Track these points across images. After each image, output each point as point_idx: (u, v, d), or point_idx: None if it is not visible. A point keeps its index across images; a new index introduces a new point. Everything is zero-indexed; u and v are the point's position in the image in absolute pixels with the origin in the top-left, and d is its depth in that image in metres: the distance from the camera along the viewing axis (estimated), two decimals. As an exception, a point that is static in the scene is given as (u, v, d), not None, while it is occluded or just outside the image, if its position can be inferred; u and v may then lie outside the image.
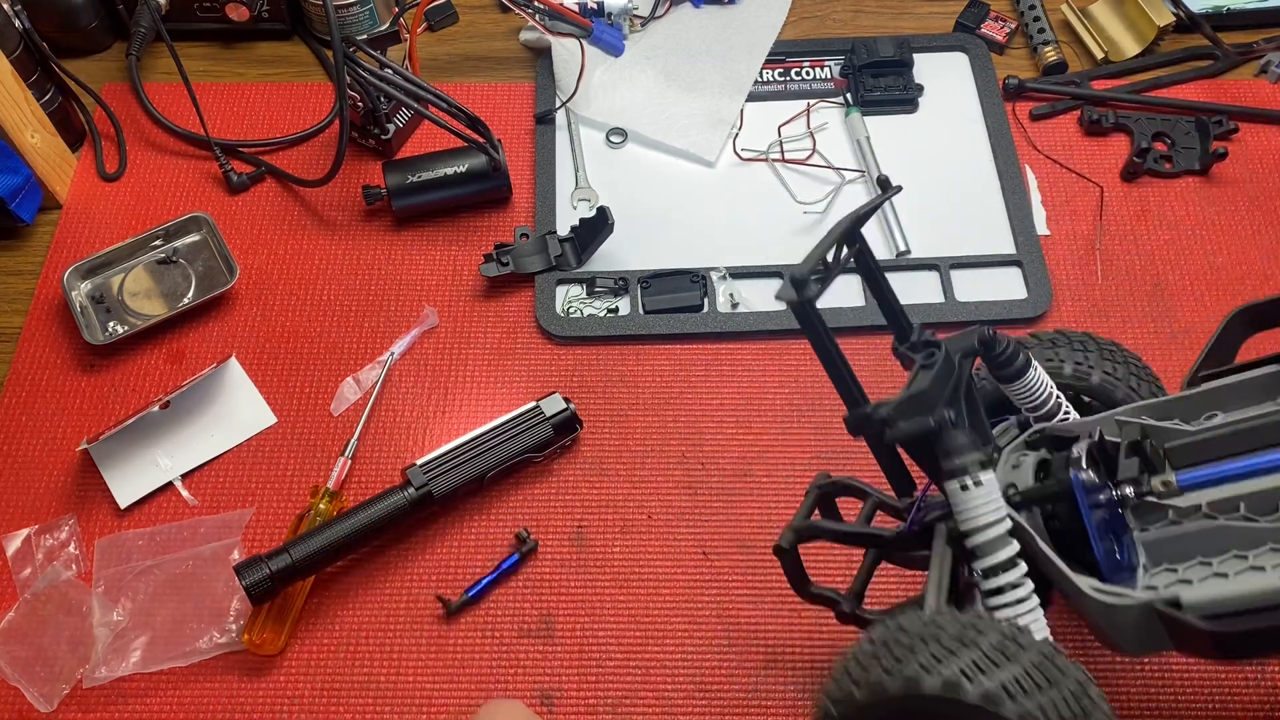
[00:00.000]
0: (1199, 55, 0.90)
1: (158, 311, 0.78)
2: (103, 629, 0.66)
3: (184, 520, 0.71)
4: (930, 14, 0.95)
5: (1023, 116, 0.87)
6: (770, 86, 0.90)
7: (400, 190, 0.81)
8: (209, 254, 0.82)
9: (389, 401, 0.76)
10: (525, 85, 0.91)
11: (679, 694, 0.65)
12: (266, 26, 0.93)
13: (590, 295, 0.80)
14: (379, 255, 0.82)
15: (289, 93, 0.91)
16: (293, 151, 0.88)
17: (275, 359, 0.78)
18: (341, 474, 0.72)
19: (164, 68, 0.92)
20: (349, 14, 0.89)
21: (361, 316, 0.79)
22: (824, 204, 0.83)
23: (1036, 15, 0.92)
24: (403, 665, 0.66)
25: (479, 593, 0.68)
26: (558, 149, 0.87)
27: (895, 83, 0.88)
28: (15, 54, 0.80)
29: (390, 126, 0.85)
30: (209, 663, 0.66)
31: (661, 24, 0.93)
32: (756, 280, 0.79)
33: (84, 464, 0.73)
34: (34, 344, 0.78)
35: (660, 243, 0.82)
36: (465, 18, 0.87)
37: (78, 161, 0.87)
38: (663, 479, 0.72)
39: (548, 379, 0.76)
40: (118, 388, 0.77)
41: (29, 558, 0.70)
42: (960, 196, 0.83)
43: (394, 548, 0.70)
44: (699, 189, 0.85)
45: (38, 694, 0.65)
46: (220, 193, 0.86)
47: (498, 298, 0.80)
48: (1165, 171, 0.84)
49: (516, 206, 0.84)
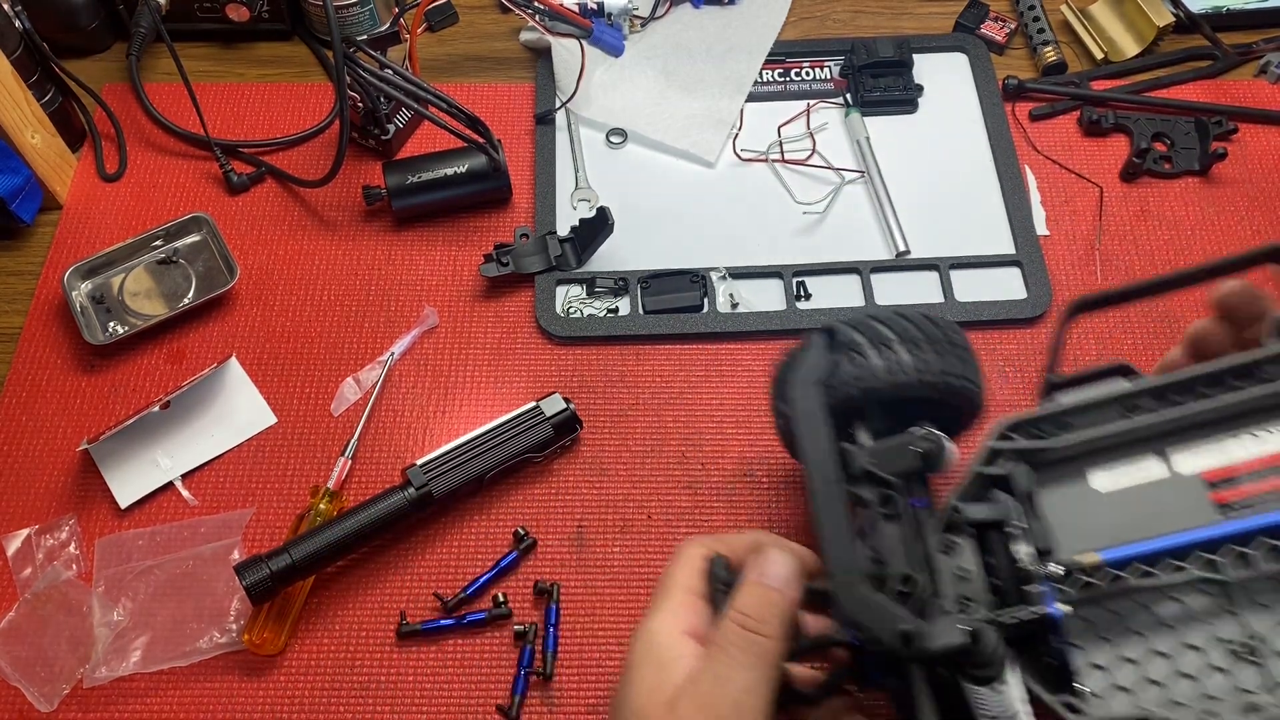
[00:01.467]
0: (1199, 55, 0.90)
1: (158, 311, 0.79)
2: (103, 629, 0.66)
3: (184, 520, 0.71)
4: (930, 14, 0.95)
5: (1022, 117, 0.87)
6: (770, 87, 0.90)
7: (400, 190, 0.81)
8: (209, 254, 0.82)
9: (389, 401, 0.76)
10: (525, 85, 0.91)
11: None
12: (266, 27, 0.93)
13: (590, 295, 0.80)
14: (379, 255, 0.82)
15: (289, 93, 0.91)
16: (293, 152, 0.88)
17: (275, 359, 0.78)
18: (341, 474, 0.72)
19: (164, 68, 0.92)
20: (349, 14, 0.89)
21: (361, 316, 0.79)
22: (824, 204, 0.83)
23: (1036, 15, 0.92)
24: (403, 665, 0.66)
25: (476, 591, 0.68)
26: (558, 149, 0.87)
27: (895, 83, 0.88)
28: (15, 54, 0.80)
29: (390, 127, 0.85)
30: (209, 663, 0.66)
31: (661, 24, 0.93)
32: (756, 280, 0.79)
33: (84, 464, 0.73)
34: (34, 344, 0.78)
35: (660, 243, 0.82)
36: (465, 18, 0.86)
37: (78, 162, 0.87)
38: (663, 479, 0.72)
39: (548, 379, 0.76)
40: (118, 388, 0.77)
41: (29, 558, 0.70)
42: (960, 197, 0.83)
43: (394, 548, 0.70)
44: (699, 189, 0.85)
45: (38, 694, 0.65)
46: (220, 193, 0.86)
47: (498, 298, 0.80)
48: (1165, 172, 0.84)
49: (516, 206, 0.84)
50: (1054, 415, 0.51)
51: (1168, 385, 0.51)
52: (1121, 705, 0.47)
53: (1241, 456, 0.49)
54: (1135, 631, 0.48)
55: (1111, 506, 0.50)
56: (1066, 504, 0.50)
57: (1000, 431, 0.51)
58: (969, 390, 0.57)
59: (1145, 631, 0.48)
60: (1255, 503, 0.48)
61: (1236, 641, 0.47)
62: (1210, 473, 0.49)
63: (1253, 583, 0.47)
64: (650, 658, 0.47)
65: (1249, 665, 0.46)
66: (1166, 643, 0.47)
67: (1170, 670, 0.47)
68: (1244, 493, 0.48)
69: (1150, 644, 0.47)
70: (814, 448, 0.46)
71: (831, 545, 0.43)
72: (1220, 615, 0.47)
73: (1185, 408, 0.50)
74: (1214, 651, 0.47)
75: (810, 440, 0.46)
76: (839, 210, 0.83)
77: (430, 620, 0.67)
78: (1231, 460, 0.49)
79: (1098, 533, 0.49)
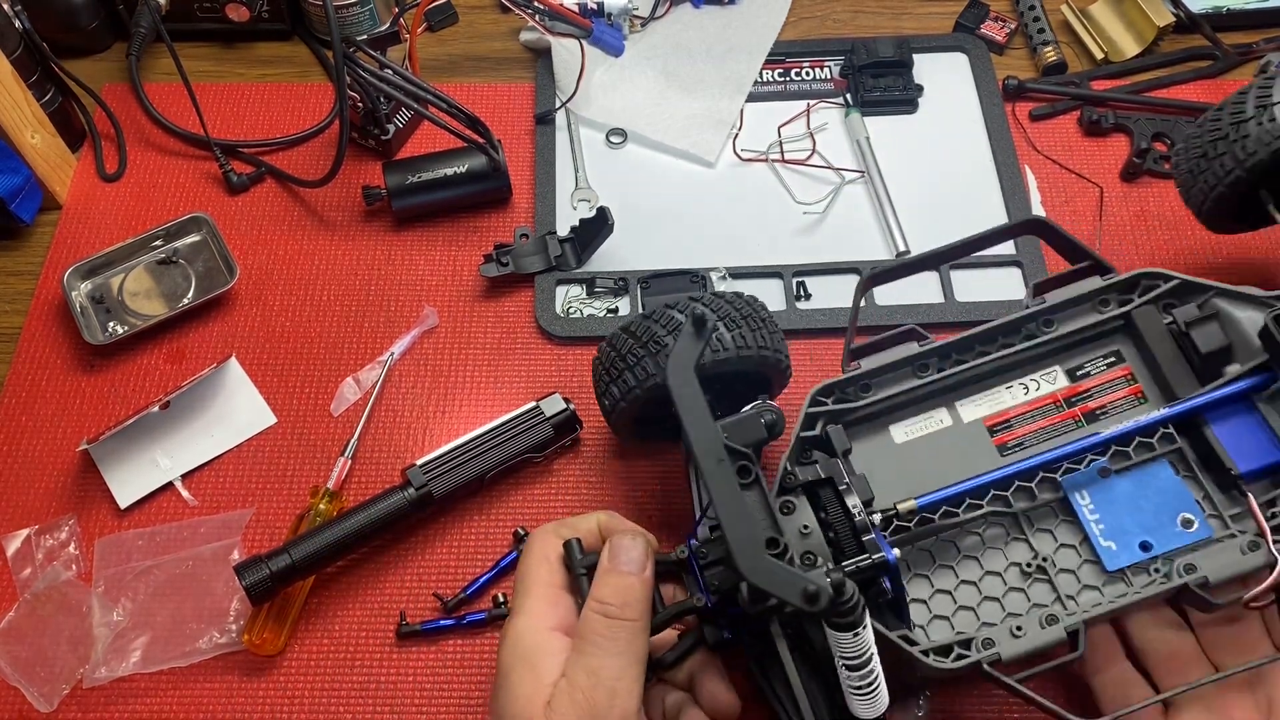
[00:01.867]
0: (1199, 55, 0.90)
1: (158, 311, 0.79)
2: (103, 629, 0.66)
3: (184, 520, 0.71)
4: (930, 14, 0.95)
5: (1022, 117, 0.87)
6: (770, 87, 0.90)
7: (400, 190, 0.81)
8: (209, 254, 0.82)
9: (389, 401, 0.76)
10: (525, 85, 0.91)
11: (679, 694, 0.65)
12: (266, 27, 0.93)
13: (590, 295, 0.80)
14: (379, 255, 0.82)
15: (289, 93, 0.91)
16: (293, 152, 0.88)
17: (275, 359, 0.78)
18: (341, 474, 0.72)
19: (164, 68, 0.92)
20: (349, 14, 0.89)
21: (361, 316, 0.79)
22: (824, 204, 0.83)
23: (1036, 15, 0.92)
24: (403, 665, 0.66)
25: (476, 591, 0.68)
26: (558, 149, 0.87)
27: (895, 83, 0.88)
28: (15, 54, 0.80)
29: (390, 127, 0.85)
30: (209, 663, 0.66)
31: (661, 24, 0.93)
32: (756, 280, 0.79)
33: (84, 464, 0.73)
34: (34, 344, 0.78)
35: (660, 243, 0.82)
36: (465, 18, 0.86)
37: (78, 162, 0.87)
38: (663, 479, 0.72)
39: (548, 379, 0.76)
40: (118, 388, 0.77)
41: (29, 558, 0.70)
42: (960, 197, 0.83)
43: (394, 548, 0.70)
44: (699, 189, 0.85)
45: (38, 694, 0.65)
46: (220, 193, 0.86)
47: (498, 298, 0.80)
48: (1165, 172, 0.84)
49: (516, 206, 0.84)
50: (855, 379, 0.59)
51: (950, 345, 0.60)
52: (941, 632, 0.54)
53: (1011, 403, 0.59)
54: (945, 566, 0.56)
55: (913, 456, 0.58)
56: (874, 457, 0.58)
57: (813, 398, 0.58)
58: (779, 360, 0.63)
59: (953, 565, 0.56)
60: (1027, 441, 0.58)
61: (1027, 563, 0.55)
62: (989, 418, 0.59)
63: (1034, 511, 0.56)
64: (521, 661, 0.48)
65: (1041, 583, 0.55)
66: (972, 571, 0.55)
67: (978, 596, 0.55)
68: (1017, 434, 0.58)
69: (959, 575, 0.55)
70: (701, 431, 0.49)
71: (732, 521, 0.46)
72: (1011, 542, 0.56)
73: (966, 365, 0.59)
74: (1010, 574, 0.55)
75: (696, 424, 0.49)
76: (839, 210, 0.83)
77: (430, 620, 0.67)
78: (1005, 407, 0.59)
79: (904, 481, 0.57)
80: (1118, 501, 0.55)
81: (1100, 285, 0.61)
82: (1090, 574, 0.55)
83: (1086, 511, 0.55)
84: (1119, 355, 0.60)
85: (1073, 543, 0.56)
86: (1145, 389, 0.59)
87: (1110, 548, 0.55)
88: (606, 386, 0.65)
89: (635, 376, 0.62)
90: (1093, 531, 0.55)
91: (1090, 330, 0.60)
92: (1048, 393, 0.59)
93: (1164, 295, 0.60)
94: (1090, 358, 0.60)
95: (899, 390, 0.59)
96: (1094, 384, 0.59)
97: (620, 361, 0.63)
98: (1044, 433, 0.58)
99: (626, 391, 0.63)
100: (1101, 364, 0.60)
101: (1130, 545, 0.54)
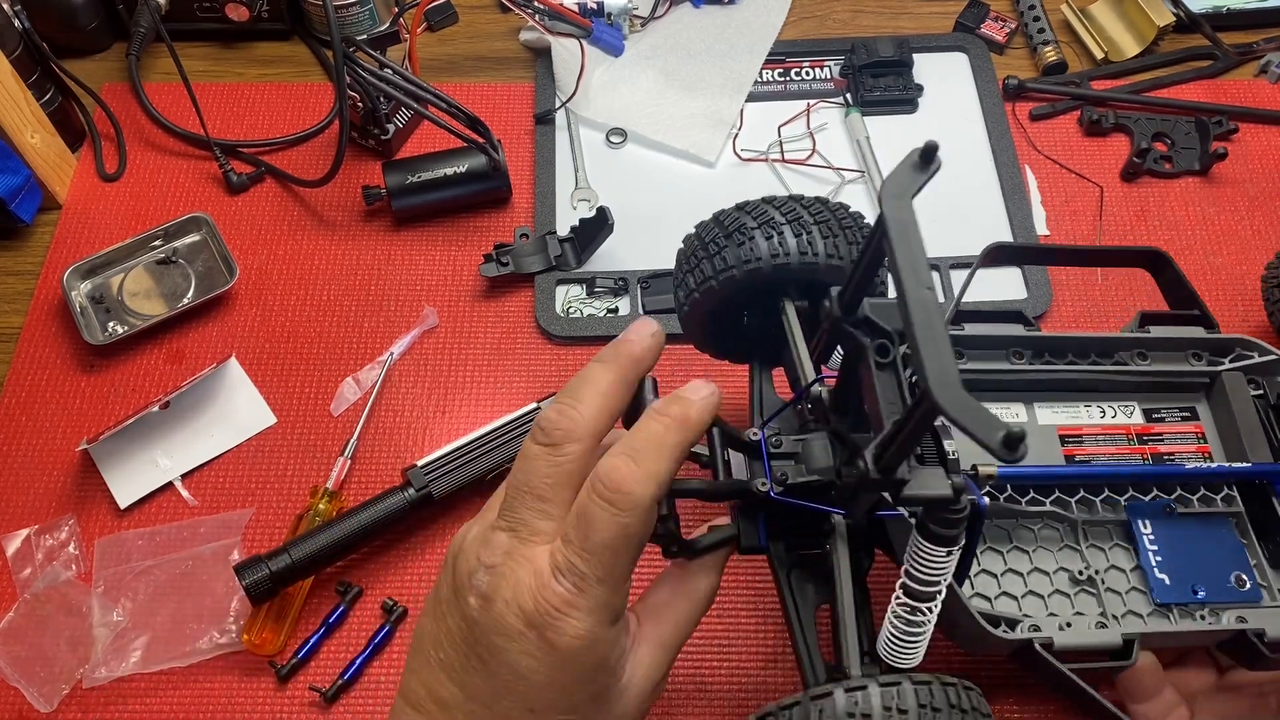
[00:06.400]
0: (1199, 55, 0.90)
1: (158, 311, 0.78)
2: (103, 629, 0.66)
3: (184, 520, 0.71)
4: (930, 14, 0.95)
5: (1022, 117, 0.87)
6: (770, 86, 0.90)
7: (400, 190, 0.81)
8: (209, 254, 0.82)
9: (389, 401, 0.76)
10: (525, 85, 0.91)
11: (678, 694, 0.65)
12: (266, 26, 0.93)
13: (590, 295, 0.80)
14: (379, 255, 0.82)
15: (289, 93, 0.91)
16: (293, 151, 0.88)
17: (275, 359, 0.78)
18: (341, 474, 0.72)
19: (164, 68, 0.92)
20: (349, 14, 0.89)
21: (361, 316, 0.79)
22: (824, 204, 0.83)
23: (1036, 15, 0.92)
24: (403, 665, 0.66)
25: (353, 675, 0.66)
26: (558, 149, 0.87)
27: (895, 83, 0.88)
28: (15, 54, 0.80)
29: (390, 126, 0.85)
30: (209, 663, 0.66)
31: (661, 24, 0.93)
32: (756, 280, 0.79)
33: (84, 464, 0.73)
34: (34, 344, 0.78)
35: (660, 243, 0.81)
36: (465, 18, 0.86)
37: (77, 162, 0.87)
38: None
39: (548, 379, 0.76)
40: (118, 388, 0.77)
41: (29, 558, 0.70)
42: (960, 197, 0.83)
43: (394, 548, 0.70)
44: (699, 189, 0.85)
45: (38, 694, 0.65)
46: (220, 193, 0.86)
47: (498, 298, 0.80)
48: (1165, 172, 0.84)
49: (516, 206, 0.84)
50: (957, 339, 0.59)
51: (1047, 341, 0.60)
52: (982, 609, 0.53)
53: (1087, 421, 0.60)
54: (995, 549, 0.56)
55: None
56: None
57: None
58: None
59: (1003, 551, 0.56)
60: (1094, 461, 0.58)
61: (1079, 570, 0.55)
62: (1063, 428, 0.59)
63: (1091, 526, 0.56)
64: None
65: (1089, 595, 0.55)
66: (1021, 564, 0.56)
67: (1023, 587, 0.55)
68: (1087, 451, 0.59)
69: (1007, 563, 0.55)
70: (911, 253, 0.46)
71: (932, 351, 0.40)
72: (1064, 549, 0.56)
73: (1055, 367, 0.59)
74: (1059, 578, 0.55)
75: (906, 247, 0.46)
76: (839, 210, 0.83)
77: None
78: (1080, 423, 0.60)
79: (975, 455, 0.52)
80: (1178, 541, 0.56)
81: (1203, 336, 0.61)
82: (1137, 601, 0.55)
83: (1147, 540, 0.56)
84: (1194, 413, 0.60)
85: (1124, 567, 0.56)
86: (1214, 450, 0.59)
87: (1164, 580, 0.55)
88: (683, 277, 0.61)
89: (713, 266, 0.58)
90: (1149, 561, 0.55)
91: (1178, 376, 0.60)
92: (1122, 423, 0.60)
93: (1255, 368, 0.60)
94: (1168, 405, 0.60)
95: (987, 368, 0.59)
96: (1167, 430, 0.60)
97: (701, 250, 0.59)
98: (1112, 459, 0.58)
99: (701, 281, 0.59)
100: (1177, 414, 0.60)
101: (1183, 585, 0.55)
